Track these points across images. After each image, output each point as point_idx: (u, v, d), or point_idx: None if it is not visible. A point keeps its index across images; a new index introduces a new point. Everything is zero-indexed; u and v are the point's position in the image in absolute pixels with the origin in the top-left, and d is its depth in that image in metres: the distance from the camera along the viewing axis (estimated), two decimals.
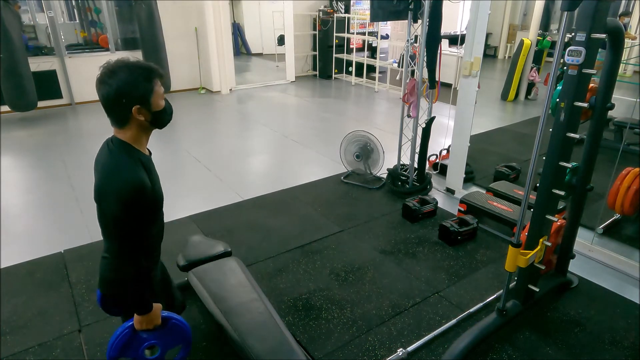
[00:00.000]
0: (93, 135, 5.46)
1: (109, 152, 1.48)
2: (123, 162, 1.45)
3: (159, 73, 1.48)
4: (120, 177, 1.41)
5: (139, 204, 1.42)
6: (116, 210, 1.39)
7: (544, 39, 6.71)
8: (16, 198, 3.83)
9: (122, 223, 1.41)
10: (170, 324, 1.67)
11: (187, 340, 1.75)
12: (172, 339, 1.71)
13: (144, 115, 1.46)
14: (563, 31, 1.74)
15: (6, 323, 2.34)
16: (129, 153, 1.47)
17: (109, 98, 1.41)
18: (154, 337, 1.64)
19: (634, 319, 2.40)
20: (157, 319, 1.61)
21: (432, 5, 3.36)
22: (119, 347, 1.61)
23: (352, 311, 2.45)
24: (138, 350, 1.64)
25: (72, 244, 3.07)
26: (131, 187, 1.40)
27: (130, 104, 1.42)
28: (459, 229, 3.07)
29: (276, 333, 2.10)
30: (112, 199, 1.40)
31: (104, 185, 1.43)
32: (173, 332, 1.69)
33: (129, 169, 1.43)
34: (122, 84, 1.39)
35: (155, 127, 1.55)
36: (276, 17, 9.59)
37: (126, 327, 1.61)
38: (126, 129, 1.48)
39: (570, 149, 2.03)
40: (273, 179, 4.26)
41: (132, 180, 1.41)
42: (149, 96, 1.45)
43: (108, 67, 1.41)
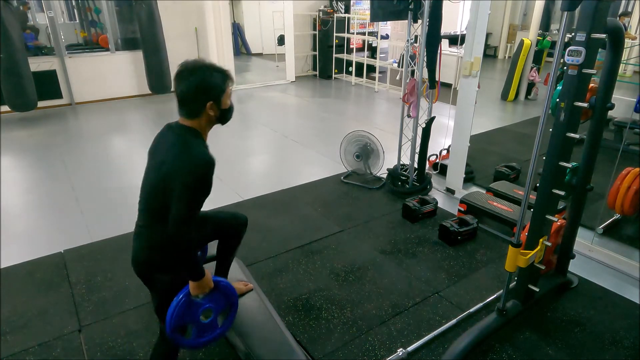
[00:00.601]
0: (93, 135, 5.46)
1: (177, 135, 1.64)
2: (195, 141, 1.63)
3: (231, 77, 1.72)
4: (195, 153, 1.59)
5: (208, 177, 1.60)
6: (190, 179, 1.55)
7: (544, 39, 6.71)
8: (16, 198, 3.83)
9: (192, 193, 1.57)
10: (220, 286, 1.79)
11: (235, 300, 1.87)
12: (223, 301, 1.82)
13: (214, 111, 1.66)
14: (563, 31, 1.74)
15: (6, 323, 2.35)
16: (197, 136, 1.66)
17: (188, 92, 1.60)
18: (209, 301, 1.75)
19: (634, 319, 2.40)
20: (210, 282, 1.73)
21: (432, 5, 3.36)
22: (179, 315, 1.69)
23: (352, 311, 2.45)
24: (196, 315, 1.74)
25: (72, 244, 3.07)
26: (205, 162, 1.58)
27: (205, 100, 1.62)
28: (459, 229, 3.07)
29: (276, 333, 2.10)
30: (187, 170, 1.56)
31: (177, 158, 1.58)
32: (224, 294, 1.81)
33: (201, 147, 1.62)
34: (201, 82, 1.60)
35: (219, 123, 1.76)
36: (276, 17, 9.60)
37: (182, 294, 1.70)
38: (195, 120, 1.65)
39: (570, 149, 2.02)
40: (273, 179, 4.26)
41: (206, 156, 1.59)
42: (221, 95, 1.66)
43: (188, 65, 1.61)
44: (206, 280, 1.70)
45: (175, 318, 1.67)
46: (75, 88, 6.65)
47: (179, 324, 1.70)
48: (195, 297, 1.71)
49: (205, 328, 1.79)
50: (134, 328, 2.31)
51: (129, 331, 2.29)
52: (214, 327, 1.82)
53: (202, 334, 1.79)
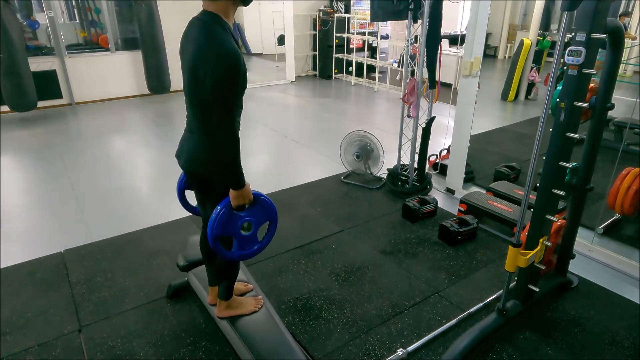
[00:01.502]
0: (93, 135, 5.46)
1: (203, 25, 1.60)
2: (219, 33, 1.57)
3: None
4: (219, 44, 1.54)
5: (237, 71, 1.55)
6: (219, 76, 1.52)
7: (544, 39, 6.71)
8: (16, 198, 3.83)
9: (224, 88, 1.54)
10: (260, 200, 1.79)
11: (274, 216, 1.87)
12: (263, 215, 1.83)
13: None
14: (563, 31, 1.74)
15: (6, 323, 2.35)
16: (221, 25, 1.60)
17: None
18: (249, 214, 1.76)
19: (634, 319, 2.40)
20: (250, 194, 1.74)
21: (432, 5, 3.36)
22: (221, 224, 1.70)
23: (352, 311, 2.45)
24: (236, 227, 1.75)
25: (72, 244, 3.07)
26: (230, 55, 1.53)
27: None
28: (459, 229, 3.07)
29: (276, 333, 2.10)
30: (213, 67, 1.52)
31: (203, 53, 1.55)
32: (263, 208, 1.82)
33: (225, 39, 1.56)
34: None
35: (242, 3, 1.68)
36: (276, 17, 9.60)
37: (223, 205, 1.71)
38: (218, 2, 1.61)
39: (570, 149, 2.03)
40: (273, 179, 4.26)
41: (230, 48, 1.54)
42: None
43: None
44: (246, 191, 1.71)
45: (217, 227, 1.69)
46: (75, 88, 6.65)
47: (220, 234, 1.72)
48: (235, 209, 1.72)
49: (247, 241, 1.80)
50: (134, 328, 2.31)
51: (129, 331, 2.29)
52: (255, 240, 1.83)
53: (244, 247, 1.81)
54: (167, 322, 2.34)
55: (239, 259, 1.87)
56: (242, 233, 1.79)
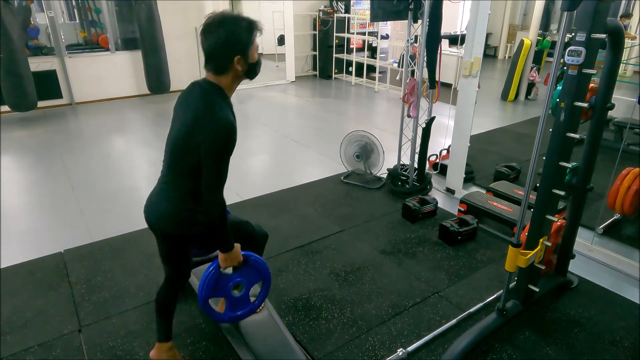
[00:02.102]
0: (93, 135, 5.46)
1: (204, 93, 1.60)
2: (220, 103, 1.58)
3: (259, 27, 1.63)
4: (220, 117, 1.54)
5: (231, 142, 1.57)
6: (215, 147, 1.54)
7: (544, 39, 6.72)
8: (16, 198, 3.83)
9: (219, 159, 1.56)
10: (251, 260, 1.78)
11: (267, 277, 1.85)
12: (254, 276, 1.81)
13: (241, 66, 1.61)
14: (563, 31, 1.74)
15: (6, 323, 2.34)
16: (223, 97, 1.61)
17: (216, 46, 1.55)
18: (239, 275, 1.75)
19: (634, 319, 2.40)
20: (239, 256, 1.73)
21: (432, 5, 3.36)
22: (210, 286, 1.69)
23: (352, 311, 2.45)
24: (226, 289, 1.74)
25: (72, 244, 3.07)
26: (228, 126, 1.54)
27: (233, 53, 1.57)
28: (459, 229, 3.07)
29: (276, 333, 2.11)
30: (212, 138, 1.53)
31: (201, 123, 1.56)
32: (254, 269, 1.80)
33: (226, 112, 1.58)
34: (229, 33, 1.54)
35: (247, 78, 1.69)
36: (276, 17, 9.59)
37: (212, 267, 1.70)
38: (223, 76, 1.61)
39: (570, 149, 2.03)
40: (273, 179, 4.26)
41: (227, 121, 1.55)
42: (249, 48, 1.61)
43: (215, 18, 1.55)
44: (235, 253, 1.69)
45: (206, 290, 1.68)
46: (75, 88, 6.64)
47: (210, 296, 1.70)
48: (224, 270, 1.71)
49: (238, 302, 1.78)
50: (134, 328, 2.31)
51: (129, 331, 2.29)
52: (247, 301, 1.82)
53: (235, 308, 1.79)
54: None
55: (229, 321, 1.85)
56: (233, 294, 1.77)
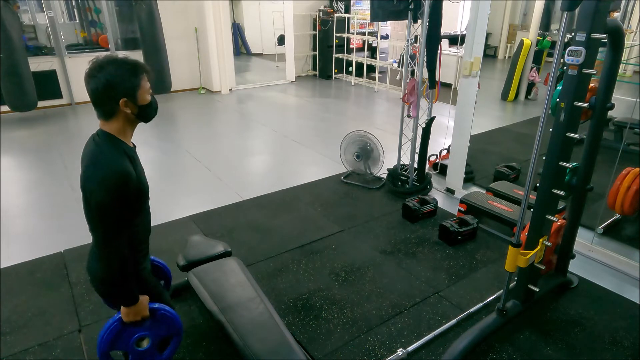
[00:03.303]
0: None
1: (94, 143, 1.52)
2: (108, 151, 1.49)
3: (146, 69, 1.54)
4: (105, 165, 1.45)
5: (123, 192, 1.45)
6: (100, 197, 1.42)
7: (544, 39, 6.71)
8: (16, 198, 3.83)
9: (106, 210, 1.43)
10: (158, 315, 1.68)
11: (177, 330, 1.75)
12: (162, 330, 1.71)
13: (130, 108, 1.51)
14: (563, 31, 1.74)
15: (6, 323, 2.35)
16: (114, 143, 1.52)
17: (97, 91, 1.46)
18: (143, 329, 1.65)
19: (634, 319, 2.40)
20: (144, 311, 1.62)
21: (432, 5, 3.36)
22: (108, 341, 1.61)
23: (352, 311, 2.45)
24: (128, 343, 1.64)
25: (72, 244, 3.07)
26: (116, 174, 1.44)
27: (117, 96, 1.47)
28: (459, 229, 3.07)
29: (276, 333, 2.10)
30: (96, 186, 1.43)
31: (88, 172, 1.47)
32: (162, 322, 1.70)
33: (113, 158, 1.48)
34: (110, 77, 1.45)
35: (141, 121, 1.60)
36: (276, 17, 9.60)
37: (114, 320, 1.61)
38: (112, 121, 1.52)
39: (570, 149, 2.03)
40: (273, 179, 4.26)
41: (117, 168, 1.45)
42: (136, 90, 1.51)
43: (97, 62, 1.47)
44: (140, 307, 1.59)
45: (104, 344, 1.60)
46: (75, 88, 6.65)
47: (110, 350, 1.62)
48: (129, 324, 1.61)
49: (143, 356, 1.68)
50: None
51: None
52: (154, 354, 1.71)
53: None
54: None
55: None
56: (136, 348, 1.67)
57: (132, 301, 1.57)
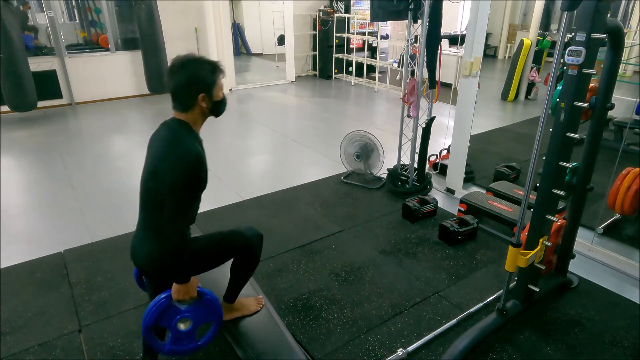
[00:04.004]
0: (93, 136, 5.46)
1: (170, 129, 1.69)
2: (184, 136, 1.65)
3: (221, 69, 1.72)
4: (183, 148, 1.61)
5: (197, 173, 1.60)
6: (176, 176, 1.56)
7: (544, 39, 6.71)
8: (16, 198, 3.83)
9: (180, 189, 1.58)
10: (204, 299, 1.75)
11: (218, 318, 1.82)
12: (204, 315, 1.77)
13: (206, 103, 1.68)
14: (563, 31, 1.74)
15: (6, 323, 2.35)
16: (189, 131, 1.68)
17: (180, 85, 1.65)
18: (188, 310, 1.72)
19: (634, 319, 2.40)
20: (194, 291, 1.71)
21: (432, 5, 3.36)
22: (155, 315, 1.67)
23: (352, 311, 2.45)
24: (172, 321, 1.71)
25: (72, 244, 3.07)
26: (193, 157, 1.59)
27: (197, 92, 1.65)
28: (459, 229, 3.07)
29: (276, 333, 2.10)
30: (174, 166, 1.57)
31: (166, 154, 1.62)
32: (206, 307, 1.77)
33: (191, 143, 1.63)
34: (191, 74, 1.64)
35: (212, 115, 1.77)
36: (276, 17, 9.60)
37: (163, 296, 1.68)
38: (188, 113, 1.69)
39: (570, 149, 2.02)
40: (273, 179, 4.26)
41: (194, 152, 1.61)
42: (213, 87, 1.68)
43: (179, 60, 1.65)
44: (189, 286, 1.68)
45: (150, 317, 1.65)
46: (75, 88, 6.65)
47: (154, 325, 1.67)
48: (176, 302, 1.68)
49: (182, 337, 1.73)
50: (134, 328, 2.31)
51: (129, 331, 2.29)
52: (191, 338, 1.75)
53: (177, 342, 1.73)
54: None
55: (168, 353, 1.77)
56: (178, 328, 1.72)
57: (185, 279, 1.66)
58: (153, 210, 1.71)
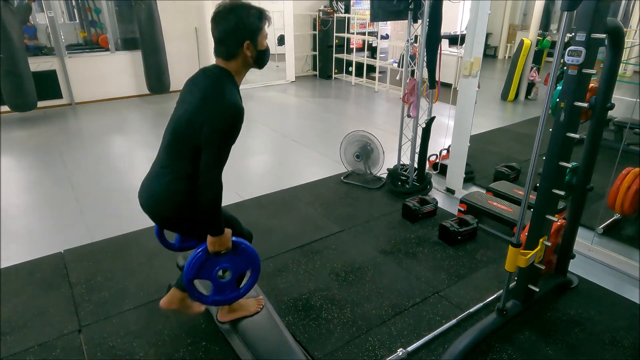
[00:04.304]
0: (93, 136, 5.46)
1: (214, 76, 1.65)
2: (229, 86, 1.62)
3: (268, 16, 1.66)
4: (227, 96, 1.58)
5: (237, 123, 1.59)
6: (219, 124, 1.56)
7: (544, 39, 6.71)
8: (16, 198, 3.83)
9: (221, 137, 1.57)
10: (240, 248, 1.79)
11: (256, 266, 1.86)
12: (242, 264, 1.81)
13: (250, 52, 1.65)
14: (563, 31, 1.74)
15: (6, 323, 2.34)
16: (232, 81, 1.65)
17: (226, 31, 1.60)
18: (226, 261, 1.76)
19: (634, 319, 2.40)
20: (228, 242, 1.74)
21: (432, 5, 3.36)
22: (195, 268, 1.70)
23: (352, 311, 2.45)
24: (212, 272, 1.75)
25: (72, 244, 3.07)
26: (235, 106, 1.58)
27: (243, 38, 1.61)
28: (459, 229, 3.07)
29: (276, 333, 2.11)
30: (216, 117, 1.56)
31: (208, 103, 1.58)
32: (243, 256, 1.80)
33: (233, 92, 1.61)
34: (239, 19, 1.59)
35: (255, 66, 1.72)
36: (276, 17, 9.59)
37: (200, 249, 1.71)
38: (232, 62, 1.65)
39: (570, 149, 2.02)
40: (273, 179, 4.26)
41: (236, 101, 1.59)
42: (258, 34, 1.64)
43: (226, 5, 1.61)
44: (224, 238, 1.70)
45: (191, 271, 1.70)
46: (75, 88, 6.65)
47: (194, 278, 1.72)
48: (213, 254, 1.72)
49: (223, 287, 1.79)
50: (134, 328, 2.31)
51: (129, 331, 2.29)
52: (232, 288, 1.82)
53: (220, 292, 1.80)
54: (167, 322, 2.34)
55: (213, 304, 1.85)
56: (219, 278, 1.78)
57: (219, 230, 1.67)
58: (178, 156, 1.69)
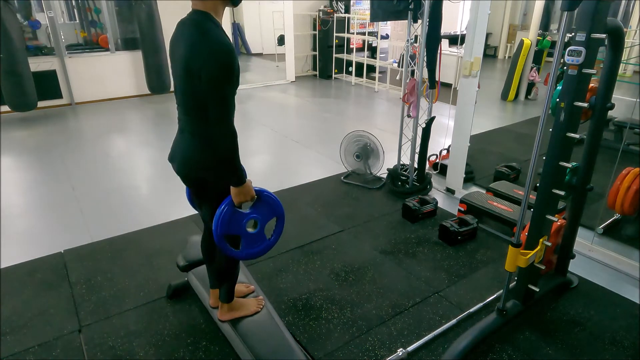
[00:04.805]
0: (93, 135, 5.46)
1: (192, 24, 1.60)
2: (212, 29, 1.55)
3: None
4: (213, 40, 1.52)
5: (232, 65, 1.53)
6: (213, 71, 1.50)
7: (544, 39, 6.72)
8: (16, 198, 3.83)
9: (219, 84, 1.52)
10: (263, 196, 1.79)
11: (281, 212, 1.87)
12: (268, 212, 1.82)
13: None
14: (563, 31, 1.74)
15: (6, 323, 2.35)
16: (213, 22, 1.59)
17: None
18: (253, 211, 1.76)
19: (634, 319, 2.40)
20: (252, 191, 1.73)
21: (432, 5, 3.36)
22: (224, 223, 1.69)
23: (352, 311, 2.45)
24: (241, 225, 1.74)
25: (72, 244, 3.07)
26: (224, 47, 1.51)
27: None
28: (459, 229, 3.07)
29: (276, 333, 2.11)
30: (208, 60, 1.50)
31: (197, 50, 1.53)
32: (268, 204, 1.81)
33: (218, 33, 1.55)
34: None
35: (231, 3, 1.66)
36: (276, 17, 9.59)
37: (225, 204, 1.70)
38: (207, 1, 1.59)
39: (570, 149, 2.03)
40: (273, 179, 4.26)
41: (224, 42, 1.53)
42: None
43: None
44: (247, 187, 1.70)
45: (221, 226, 1.69)
46: (75, 88, 6.65)
47: (225, 233, 1.71)
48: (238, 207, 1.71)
49: (254, 239, 1.79)
50: (134, 328, 2.31)
51: (129, 331, 2.29)
52: (262, 238, 1.82)
53: (251, 245, 1.80)
54: (167, 322, 2.34)
55: (247, 257, 1.86)
56: (249, 231, 1.78)
57: (242, 180, 1.66)
58: (190, 111, 1.68)
